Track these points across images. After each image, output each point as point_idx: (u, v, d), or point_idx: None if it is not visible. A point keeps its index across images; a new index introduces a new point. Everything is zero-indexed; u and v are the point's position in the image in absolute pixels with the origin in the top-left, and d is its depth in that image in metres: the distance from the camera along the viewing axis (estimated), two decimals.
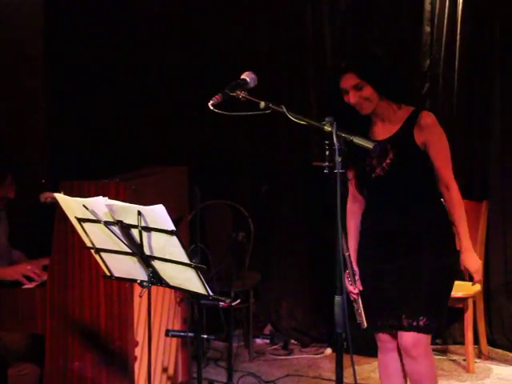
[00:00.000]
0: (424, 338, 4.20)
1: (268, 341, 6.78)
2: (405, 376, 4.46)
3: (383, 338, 4.42)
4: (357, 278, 4.29)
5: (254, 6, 6.82)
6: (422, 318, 4.12)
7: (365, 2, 6.65)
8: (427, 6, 6.42)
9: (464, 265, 4.18)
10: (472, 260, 4.19)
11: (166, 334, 4.49)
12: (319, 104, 6.63)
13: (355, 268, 4.30)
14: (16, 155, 5.42)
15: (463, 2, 6.22)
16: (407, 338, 4.18)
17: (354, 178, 4.40)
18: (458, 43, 6.29)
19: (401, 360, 4.39)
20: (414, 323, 4.13)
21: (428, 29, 6.45)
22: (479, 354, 6.20)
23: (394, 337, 4.33)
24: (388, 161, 4.19)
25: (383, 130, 4.27)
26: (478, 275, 4.22)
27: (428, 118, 4.16)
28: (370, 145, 3.34)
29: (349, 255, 4.19)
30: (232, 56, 6.73)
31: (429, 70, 6.48)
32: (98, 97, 6.80)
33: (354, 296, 4.27)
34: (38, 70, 6.65)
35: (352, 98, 4.08)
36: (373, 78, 4.06)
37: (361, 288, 4.27)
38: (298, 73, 6.79)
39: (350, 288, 4.26)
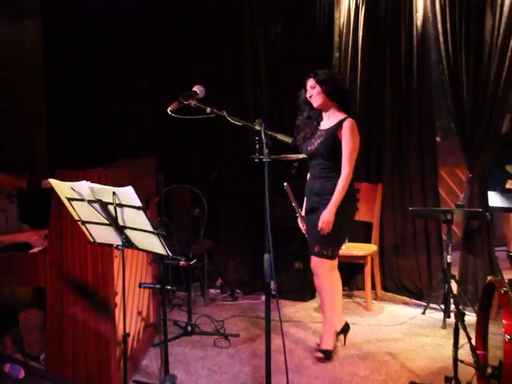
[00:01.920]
0: (321, 262, 4.83)
1: (219, 291, 6.76)
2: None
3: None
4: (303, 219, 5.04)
5: (206, 37, 6.76)
6: (316, 246, 4.83)
7: (290, 33, 6.62)
8: (336, 38, 6.49)
9: (322, 215, 4.73)
10: (328, 215, 4.70)
11: (139, 286, 4.48)
12: (255, 109, 6.67)
13: (303, 214, 5.02)
14: (29, 154, 5.34)
15: (362, 36, 6.28)
16: (311, 260, 4.90)
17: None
18: (359, 65, 6.35)
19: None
20: (314, 250, 4.85)
21: (337, 54, 6.51)
22: (375, 297, 6.29)
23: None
24: (318, 141, 4.85)
25: (326, 123, 4.90)
26: (323, 225, 4.72)
27: (347, 123, 4.77)
28: (289, 140, 3.43)
29: (296, 206, 4.94)
30: (189, 72, 6.69)
31: None
32: (85, 105, 6.73)
33: (304, 231, 5.03)
34: (40, 84, 6.55)
35: (308, 93, 4.84)
36: (322, 82, 4.77)
37: (305, 227, 5.01)
38: (239, 86, 6.76)
39: (301, 226, 5.03)
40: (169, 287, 4.53)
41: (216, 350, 5.14)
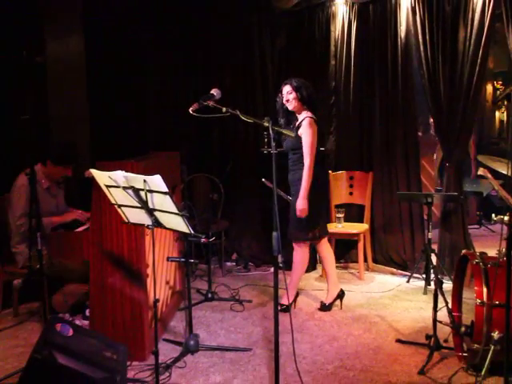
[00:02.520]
0: (297, 242, 5.03)
1: (234, 263, 6.77)
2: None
3: None
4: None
5: (222, 47, 6.74)
6: (291, 230, 4.98)
7: (293, 44, 6.60)
8: (332, 48, 6.44)
9: (296, 205, 4.78)
10: (300, 203, 4.77)
11: (167, 260, 4.52)
12: (264, 108, 6.55)
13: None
14: (75, 148, 5.36)
15: (354, 46, 6.26)
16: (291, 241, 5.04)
17: None
18: (352, 71, 6.32)
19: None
20: (291, 233, 4.99)
21: (333, 62, 6.45)
22: (367, 268, 6.27)
23: None
24: (287, 140, 4.96)
25: (296, 124, 4.96)
26: (300, 212, 4.79)
27: (304, 121, 4.87)
28: (292, 134, 3.44)
29: (282, 194, 5.03)
30: (207, 76, 6.69)
31: (334, 88, 6.47)
32: (120, 108, 6.75)
33: None
34: (83, 90, 6.57)
35: (285, 98, 4.92)
36: (297, 89, 4.87)
37: None
38: (250, 90, 6.72)
39: None
40: (192, 260, 4.60)
41: (232, 313, 5.17)
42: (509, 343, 3.31)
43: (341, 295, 5.19)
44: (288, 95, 4.89)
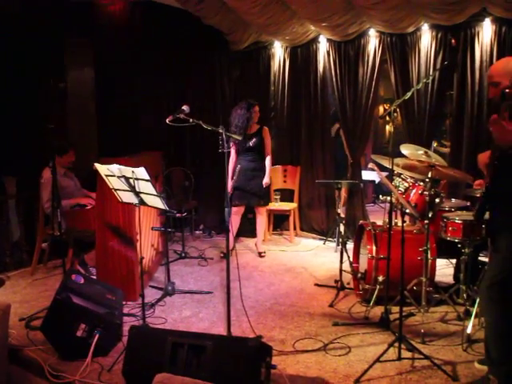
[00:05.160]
0: (263, 208, 5.40)
1: (201, 231, 6.74)
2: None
3: (235, 209, 5.24)
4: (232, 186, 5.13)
5: (193, 79, 6.71)
6: (261, 201, 5.28)
7: (244, 75, 6.58)
8: (272, 77, 6.45)
9: (266, 179, 5.21)
10: (268, 178, 5.25)
11: (152, 229, 4.50)
12: (223, 119, 6.22)
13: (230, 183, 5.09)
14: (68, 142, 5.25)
15: (288, 76, 6.29)
16: (258, 208, 5.36)
17: (238, 147, 5.29)
18: (286, 94, 6.35)
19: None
20: (261, 203, 5.28)
21: (272, 88, 6.48)
22: (296, 234, 6.32)
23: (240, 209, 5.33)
24: (252, 141, 5.24)
25: (252, 130, 5.25)
26: (266, 184, 5.26)
27: (265, 128, 5.36)
28: (239, 137, 3.46)
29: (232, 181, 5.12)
30: (182, 99, 6.39)
31: (273, 106, 6.49)
32: (121, 118, 6.57)
33: (230, 192, 5.13)
34: (93, 105, 6.46)
35: (257, 114, 5.25)
36: (260, 109, 5.28)
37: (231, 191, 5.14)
38: (212, 108, 6.68)
39: (230, 190, 5.10)
40: (170, 229, 4.57)
41: (199, 267, 5.18)
42: (388, 284, 3.45)
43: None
44: (258, 113, 5.26)
